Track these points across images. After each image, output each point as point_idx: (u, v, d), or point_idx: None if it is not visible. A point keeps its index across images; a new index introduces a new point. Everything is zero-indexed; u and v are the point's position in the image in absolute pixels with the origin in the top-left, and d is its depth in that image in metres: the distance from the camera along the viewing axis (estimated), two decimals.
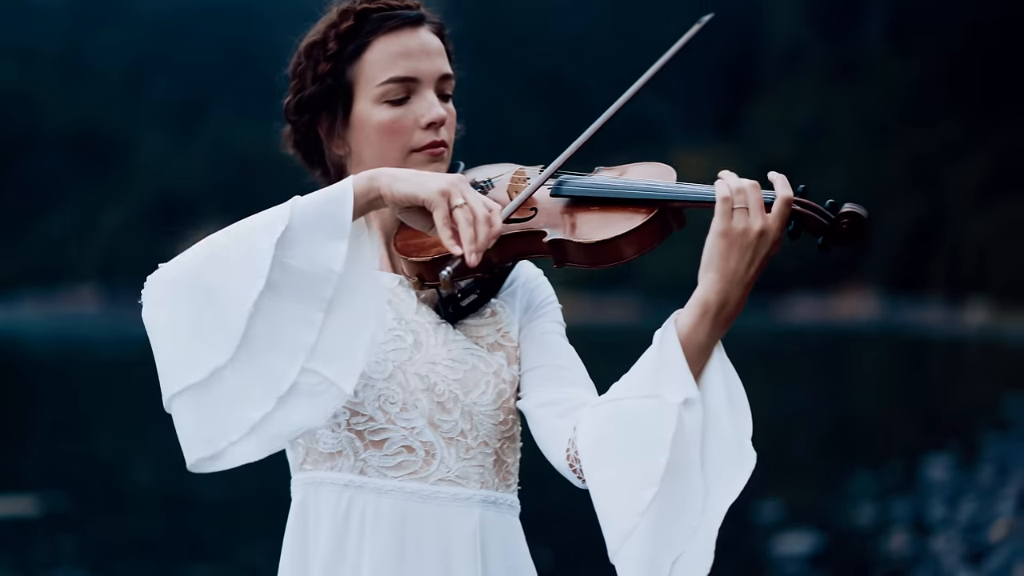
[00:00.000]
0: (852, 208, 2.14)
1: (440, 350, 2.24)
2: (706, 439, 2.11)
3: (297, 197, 2.07)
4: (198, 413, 2.07)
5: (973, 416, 17.61)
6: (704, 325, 2.12)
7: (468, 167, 2.35)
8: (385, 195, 2.05)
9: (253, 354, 2.05)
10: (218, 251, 2.07)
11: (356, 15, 2.26)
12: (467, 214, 2.01)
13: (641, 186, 2.21)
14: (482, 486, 2.23)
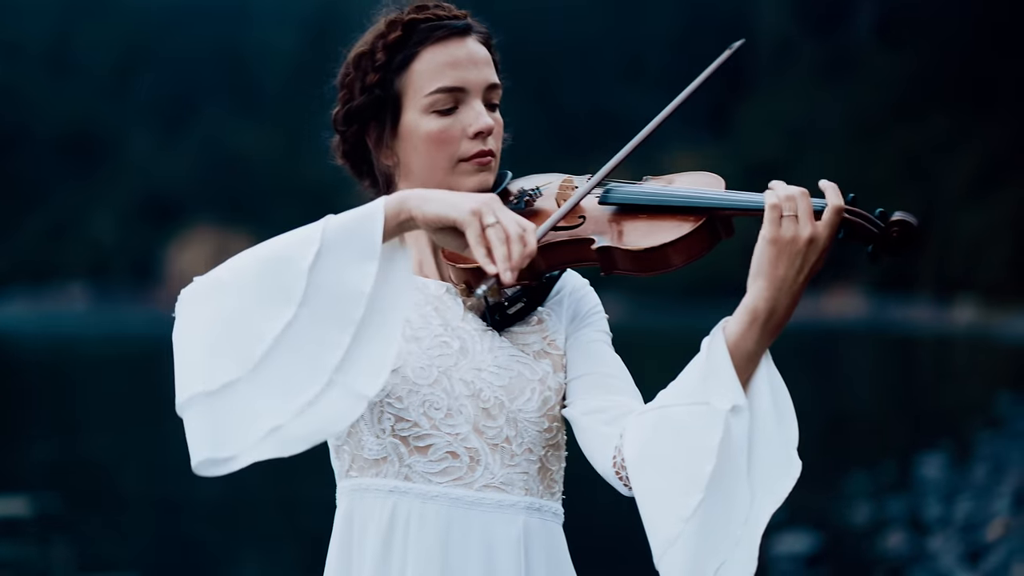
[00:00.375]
0: (902, 216, 2.14)
1: (486, 356, 2.24)
2: (753, 446, 2.12)
3: (330, 216, 2.08)
4: (211, 420, 2.06)
5: (965, 414, 17.64)
6: (753, 333, 2.12)
7: (515, 177, 2.36)
8: (416, 216, 2.04)
9: (275, 371, 2.05)
10: (251, 270, 2.07)
11: (404, 26, 2.26)
12: (500, 233, 2.00)
13: (689, 194, 2.21)
14: (527, 493, 2.23)
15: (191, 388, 2.06)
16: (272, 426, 2.04)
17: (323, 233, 2.05)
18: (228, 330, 2.05)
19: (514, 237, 1.99)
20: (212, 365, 2.05)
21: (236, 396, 2.05)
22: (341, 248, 2.04)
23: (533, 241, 2.00)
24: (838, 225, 2.13)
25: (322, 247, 2.04)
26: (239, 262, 2.08)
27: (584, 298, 2.35)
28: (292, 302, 2.03)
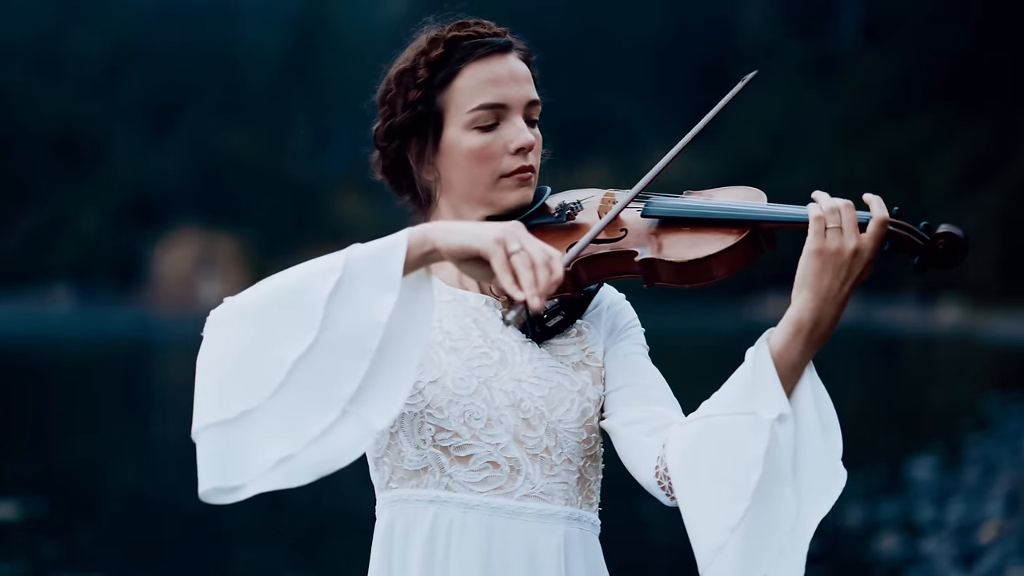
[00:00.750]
0: (948, 228, 2.15)
1: (526, 368, 2.27)
2: (798, 456, 2.13)
3: (356, 246, 2.08)
4: (224, 448, 2.07)
5: (953, 416, 17.67)
6: (797, 343, 2.14)
7: (554, 191, 2.38)
8: (441, 248, 2.04)
9: (291, 399, 2.05)
10: (275, 296, 2.08)
11: (446, 43, 2.29)
12: (526, 259, 1.99)
13: (733, 207, 2.23)
14: (566, 503, 2.25)
15: (208, 416, 2.07)
16: (282, 456, 2.05)
17: (346, 262, 2.05)
18: (248, 358, 2.06)
19: (540, 263, 1.98)
20: (231, 393, 2.06)
21: (252, 424, 2.06)
22: (362, 278, 2.04)
23: (559, 268, 1.99)
24: (883, 237, 2.14)
25: (343, 276, 2.04)
26: (264, 287, 2.09)
27: (622, 312, 2.37)
28: (311, 330, 2.04)
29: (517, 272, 1.98)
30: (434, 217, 2.35)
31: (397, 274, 2.03)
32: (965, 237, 2.14)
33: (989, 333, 37.29)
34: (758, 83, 2.44)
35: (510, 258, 1.99)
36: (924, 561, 8.83)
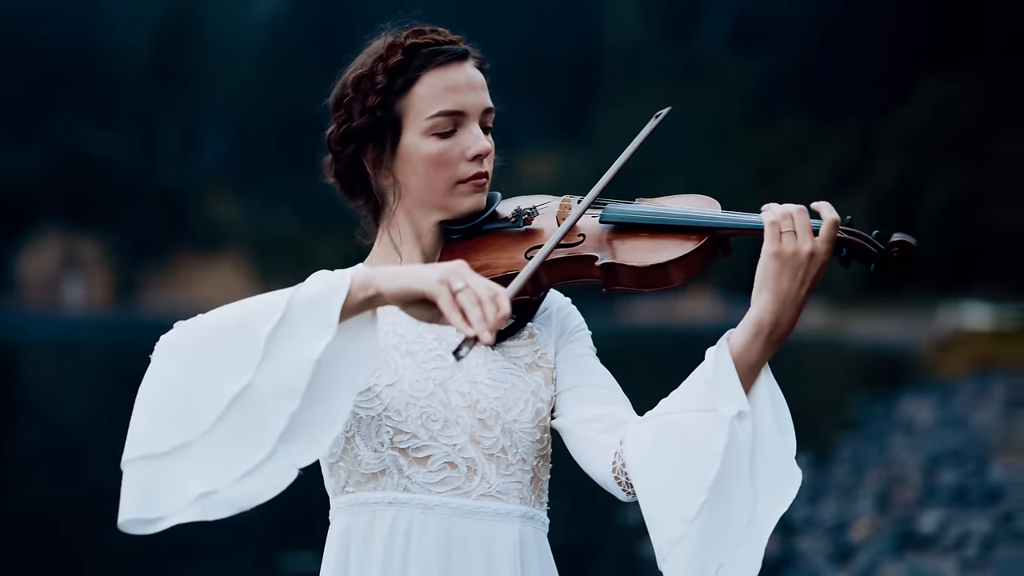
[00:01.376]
0: (901, 237, 2.22)
1: (481, 370, 2.31)
2: (755, 453, 2.20)
3: (301, 286, 2.09)
4: (150, 481, 2.07)
5: (822, 416, 18.02)
6: (757, 344, 2.20)
7: (504, 198, 2.43)
8: (384, 292, 2.05)
9: (224, 436, 2.06)
10: (218, 331, 2.08)
11: (404, 49, 2.31)
12: (471, 296, 2.00)
13: (690, 214, 2.29)
14: (521, 502, 2.29)
15: (140, 448, 2.07)
16: (205, 491, 2.05)
17: (288, 302, 2.06)
18: (186, 392, 2.07)
19: (486, 299, 2.00)
20: (166, 427, 2.07)
21: (183, 459, 2.06)
22: (301, 319, 2.05)
23: (506, 303, 2.00)
24: (835, 240, 2.21)
25: (284, 316, 2.05)
26: (211, 319, 2.10)
27: (570, 315, 2.42)
28: (249, 369, 2.05)
29: (465, 309, 1.99)
30: (388, 222, 2.38)
31: (334, 316, 2.04)
32: (917, 245, 2.21)
33: (853, 335, 38.10)
34: (628, 85, 2.48)
35: (456, 296, 2.00)
36: (800, 559, 9.01)
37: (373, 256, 2.42)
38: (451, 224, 2.37)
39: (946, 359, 25.77)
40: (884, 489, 11.49)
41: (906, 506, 10.57)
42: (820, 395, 21.92)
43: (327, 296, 2.05)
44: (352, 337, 2.08)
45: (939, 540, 9.08)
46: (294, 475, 2.06)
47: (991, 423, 15.57)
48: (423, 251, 2.37)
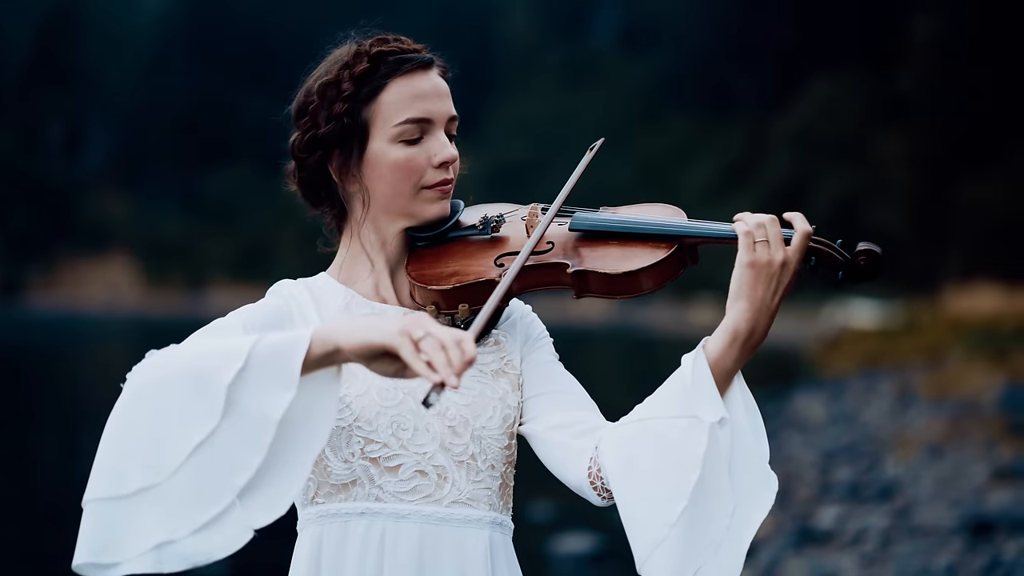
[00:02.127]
0: (867, 246, 2.27)
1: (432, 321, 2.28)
2: (733, 458, 2.23)
3: (265, 334, 2.05)
4: (109, 523, 2.05)
5: None
6: (732, 351, 2.24)
7: (467, 206, 2.45)
8: (344, 347, 2.01)
9: (184, 484, 2.03)
10: (182, 374, 2.04)
11: (371, 57, 2.32)
12: (434, 343, 1.97)
13: (660, 223, 2.32)
14: (490, 508, 2.32)
15: (102, 489, 2.05)
16: (162, 540, 2.03)
17: (250, 352, 2.02)
18: (152, 433, 2.04)
19: (450, 344, 1.96)
20: (129, 469, 2.04)
21: (144, 503, 2.04)
22: (261, 370, 2.01)
23: (471, 347, 1.97)
24: (806, 250, 2.25)
25: (245, 366, 2.01)
26: (178, 359, 2.05)
27: (533, 323, 2.45)
28: (213, 417, 2.01)
29: (429, 356, 1.95)
30: (354, 229, 2.38)
31: (295, 373, 2.00)
32: (881, 253, 2.25)
33: None
34: (521, 84, 2.51)
35: (418, 345, 1.97)
36: None
37: (340, 264, 2.41)
38: (416, 231, 2.38)
39: (834, 357, 26.18)
40: (781, 486, 11.66)
41: (804, 503, 10.74)
42: None
43: (288, 349, 2.01)
44: (315, 395, 2.04)
45: (838, 536, 9.24)
46: (249, 535, 2.04)
47: (881, 420, 15.87)
48: (387, 258, 2.38)
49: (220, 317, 2.28)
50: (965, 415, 14.72)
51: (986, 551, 8.40)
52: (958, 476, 11.27)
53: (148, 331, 43.25)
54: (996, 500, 9.97)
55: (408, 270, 2.36)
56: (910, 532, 9.23)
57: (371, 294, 2.38)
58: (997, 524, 9.06)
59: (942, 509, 9.89)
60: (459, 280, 2.31)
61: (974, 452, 12.35)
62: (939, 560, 8.30)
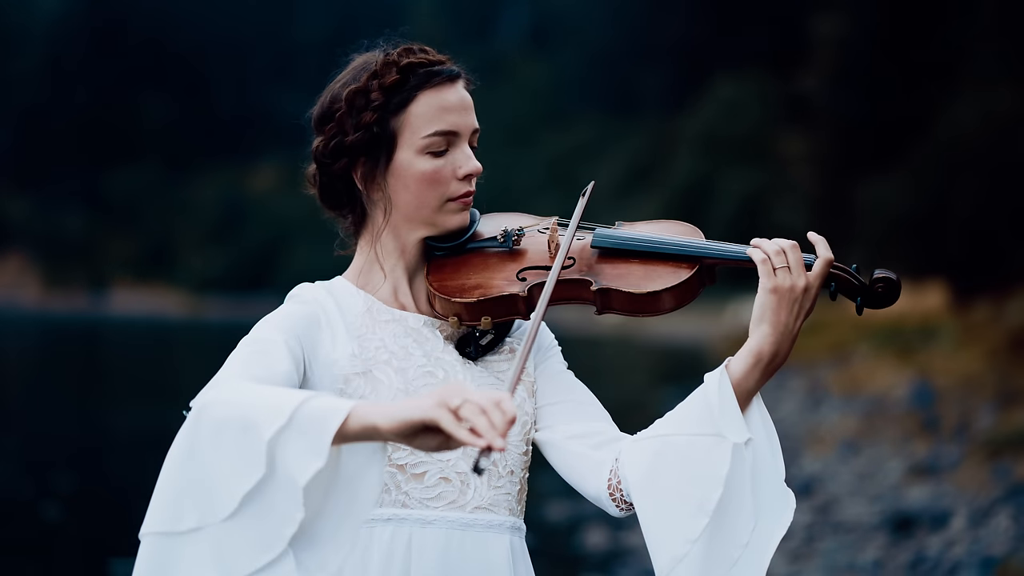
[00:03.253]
0: (885, 274, 2.33)
1: (468, 385, 2.31)
2: (755, 477, 2.29)
3: (315, 395, 2.03)
4: (161, 557, 2.07)
5: (634, 411, 18.35)
6: (755, 373, 2.29)
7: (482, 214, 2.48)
8: (383, 428, 1.99)
9: (236, 530, 2.03)
10: (232, 420, 2.04)
11: (400, 69, 2.34)
12: (474, 408, 1.95)
13: (680, 243, 2.35)
14: (510, 513, 2.36)
15: (160, 524, 2.06)
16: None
17: (294, 411, 2.01)
18: (206, 475, 2.04)
19: (490, 407, 1.94)
20: (185, 507, 2.05)
21: (198, 542, 2.05)
22: (300, 433, 2.01)
23: (510, 406, 1.95)
24: (826, 276, 2.30)
25: (287, 424, 2.01)
26: (233, 402, 2.05)
27: (544, 332, 2.49)
28: (259, 467, 2.01)
29: (471, 423, 1.94)
30: (373, 236, 2.39)
31: (326, 442, 1.99)
32: (899, 280, 2.32)
33: (647, 333, 38.85)
34: None
35: (457, 413, 1.95)
36: (630, 554, 9.19)
37: (358, 269, 2.43)
38: (435, 240, 2.40)
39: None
40: None
41: None
42: (628, 391, 22.31)
43: (326, 419, 2.00)
44: (358, 465, 2.04)
45: None
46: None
47: (794, 416, 16.08)
48: (406, 266, 2.41)
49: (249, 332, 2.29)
50: (877, 412, 14.97)
51: (910, 546, 8.55)
52: (875, 472, 11.45)
53: (48, 331, 42.63)
54: (915, 496, 10.15)
55: (429, 280, 2.38)
56: (833, 528, 9.37)
57: (390, 300, 2.40)
58: (918, 519, 9.23)
59: (862, 505, 10.05)
60: (483, 294, 2.34)
61: (889, 448, 12.56)
62: (865, 555, 8.43)
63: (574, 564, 8.93)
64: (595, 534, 9.75)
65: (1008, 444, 11.15)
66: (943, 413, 13.75)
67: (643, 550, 9.26)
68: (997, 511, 9.06)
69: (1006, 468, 10.33)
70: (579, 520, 10.19)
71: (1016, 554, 7.92)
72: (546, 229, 2.44)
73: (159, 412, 17.59)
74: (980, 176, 25.02)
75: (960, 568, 7.72)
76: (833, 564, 8.27)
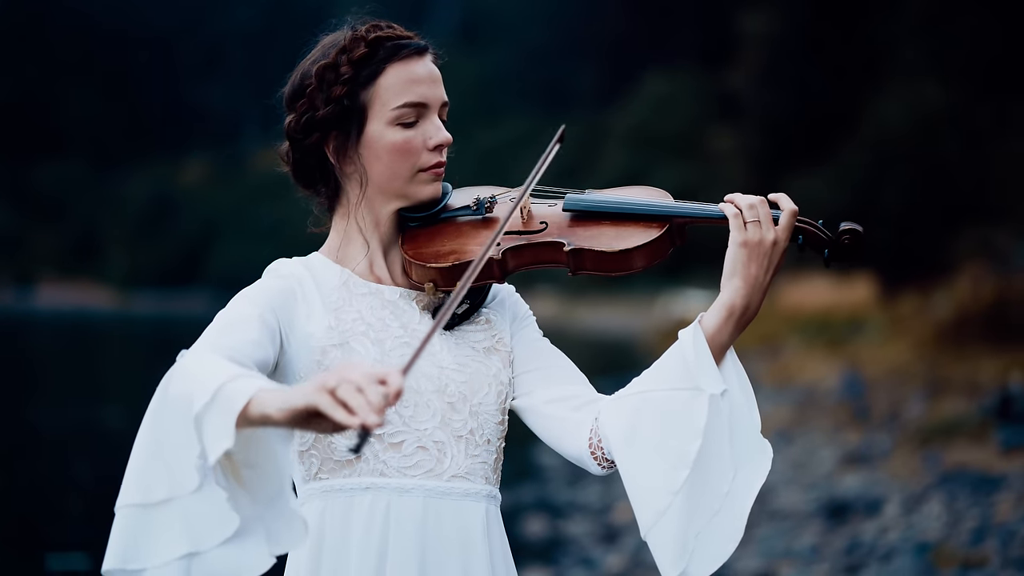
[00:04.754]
0: (850, 225, 2.38)
1: (446, 355, 2.39)
2: (732, 428, 2.34)
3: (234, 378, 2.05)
4: (134, 529, 2.10)
5: None
6: (728, 326, 2.34)
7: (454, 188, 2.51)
8: (275, 417, 2.01)
9: (202, 500, 2.07)
10: (179, 394, 2.08)
11: (368, 42, 2.38)
12: (350, 388, 1.94)
13: (651, 203, 2.40)
14: (486, 482, 2.39)
15: (133, 496, 2.10)
16: (188, 551, 2.08)
17: (218, 388, 2.04)
18: (166, 449, 2.09)
19: (366, 384, 1.94)
20: (153, 480, 2.09)
21: (169, 513, 2.08)
22: (218, 412, 2.04)
23: (397, 379, 1.94)
24: (793, 228, 2.35)
25: (211, 400, 2.04)
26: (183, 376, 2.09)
27: (519, 302, 2.53)
28: (193, 441, 2.06)
29: (346, 402, 1.93)
30: (350, 210, 2.42)
31: (231, 425, 2.02)
32: (864, 232, 2.36)
33: (581, 323, 39.02)
34: None
35: (335, 394, 1.94)
36: (570, 542, 9.26)
37: (334, 245, 2.45)
38: (409, 211, 2.43)
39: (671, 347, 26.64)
40: None
41: None
42: None
43: (232, 402, 2.03)
44: (264, 451, 2.08)
45: None
46: (269, 560, 2.10)
47: None
48: (381, 239, 2.44)
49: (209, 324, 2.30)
50: (808, 402, 15.14)
51: (845, 532, 8.68)
52: (809, 461, 11.60)
53: None
54: (848, 484, 10.29)
55: (404, 249, 2.41)
56: (769, 516, 9.49)
57: (366, 273, 2.43)
58: (852, 506, 9.36)
59: (797, 493, 10.18)
60: (457, 258, 2.37)
61: (821, 438, 12.72)
62: (801, 542, 8.54)
63: (514, 553, 8.97)
64: (534, 523, 9.81)
65: (937, 432, 11.33)
66: (873, 403, 13.95)
67: (583, 538, 9.33)
68: (929, 497, 9.22)
69: (936, 456, 10.50)
70: (518, 509, 10.25)
71: (948, 539, 8.06)
72: (517, 193, 2.47)
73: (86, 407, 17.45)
74: (907, 171, 25.35)
75: (894, 553, 7.85)
76: (770, 550, 8.37)
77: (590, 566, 8.40)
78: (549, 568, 8.35)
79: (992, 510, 8.53)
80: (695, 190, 41.68)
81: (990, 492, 9.01)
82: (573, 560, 8.64)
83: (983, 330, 15.40)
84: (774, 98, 32.13)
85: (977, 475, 9.54)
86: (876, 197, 26.01)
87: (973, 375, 13.55)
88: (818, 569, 7.79)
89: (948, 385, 13.48)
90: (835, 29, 29.62)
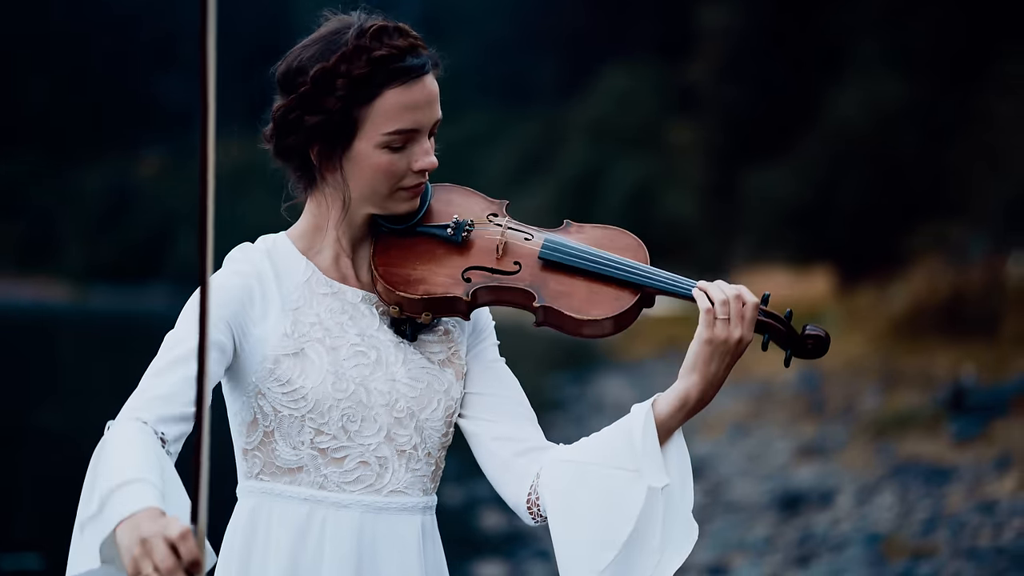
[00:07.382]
0: (815, 331, 2.41)
1: (400, 368, 2.38)
2: (665, 517, 2.37)
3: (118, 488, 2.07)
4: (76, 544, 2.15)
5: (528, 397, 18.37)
6: (680, 415, 2.38)
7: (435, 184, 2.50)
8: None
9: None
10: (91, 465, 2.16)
11: (371, 61, 2.32)
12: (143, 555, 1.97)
13: (629, 266, 2.40)
14: (423, 493, 2.41)
15: (80, 513, 2.15)
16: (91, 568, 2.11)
17: (104, 501, 2.07)
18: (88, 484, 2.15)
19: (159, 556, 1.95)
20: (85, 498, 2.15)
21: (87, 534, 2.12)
22: (92, 528, 2.09)
23: (191, 547, 1.94)
24: (758, 325, 2.37)
25: (96, 513, 2.08)
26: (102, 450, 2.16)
27: (481, 313, 2.51)
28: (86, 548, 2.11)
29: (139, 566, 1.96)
30: (318, 199, 2.41)
31: (96, 551, 2.06)
32: (827, 336, 2.40)
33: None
34: None
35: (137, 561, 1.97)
36: (527, 535, 9.29)
37: (302, 231, 2.44)
38: (384, 220, 2.43)
39: (633, 342, 26.72)
40: None
41: None
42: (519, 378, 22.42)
43: (103, 526, 2.06)
44: None
45: None
46: None
47: None
48: (352, 237, 2.43)
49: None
50: (765, 395, 15.23)
51: (798, 524, 8.75)
52: (764, 453, 11.68)
53: None
54: (802, 475, 10.37)
55: (376, 262, 2.40)
56: (724, 508, 9.55)
57: (331, 270, 2.41)
58: (806, 498, 9.44)
59: (752, 485, 10.25)
60: (427, 291, 2.36)
61: (777, 430, 12.80)
62: (754, 533, 8.61)
63: (471, 547, 9.00)
64: (491, 516, 9.83)
65: (891, 424, 11.44)
66: (829, 396, 14.04)
67: (540, 531, 9.36)
68: (882, 489, 9.31)
69: (890, 448, 10.60)
70: (475, 502, 10.26)
71: (899, 530, 8.15)
72: (497, 221, 2.46)
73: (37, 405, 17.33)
74: (864, 165, 25.50)
75: (846, 544, 7.92)
76: (724, 542, 8.43)
77: (547, 559, 8.44)
78: (507, 561, 8.38)
79: (943, 501, 8.62)
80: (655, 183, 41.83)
81: (941, 483, 9.10)
82: (530, 552, 8.67)
83: (938, 323, 15.54)
84: (734, 92, 32.23)
85: (929, 467, 9.64)
86: (833, 190, 26.16)
87: (927, 368, 13.68)
88: (770, 560, 7.85)
89: (902, 378, 13.59)
90: (795, 22, 29.74)
